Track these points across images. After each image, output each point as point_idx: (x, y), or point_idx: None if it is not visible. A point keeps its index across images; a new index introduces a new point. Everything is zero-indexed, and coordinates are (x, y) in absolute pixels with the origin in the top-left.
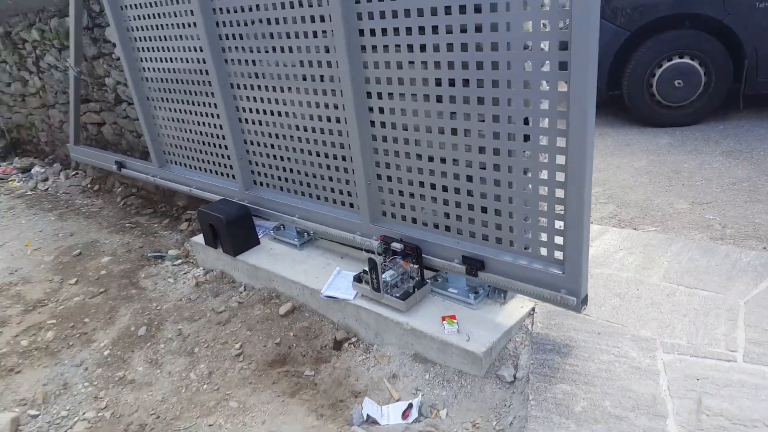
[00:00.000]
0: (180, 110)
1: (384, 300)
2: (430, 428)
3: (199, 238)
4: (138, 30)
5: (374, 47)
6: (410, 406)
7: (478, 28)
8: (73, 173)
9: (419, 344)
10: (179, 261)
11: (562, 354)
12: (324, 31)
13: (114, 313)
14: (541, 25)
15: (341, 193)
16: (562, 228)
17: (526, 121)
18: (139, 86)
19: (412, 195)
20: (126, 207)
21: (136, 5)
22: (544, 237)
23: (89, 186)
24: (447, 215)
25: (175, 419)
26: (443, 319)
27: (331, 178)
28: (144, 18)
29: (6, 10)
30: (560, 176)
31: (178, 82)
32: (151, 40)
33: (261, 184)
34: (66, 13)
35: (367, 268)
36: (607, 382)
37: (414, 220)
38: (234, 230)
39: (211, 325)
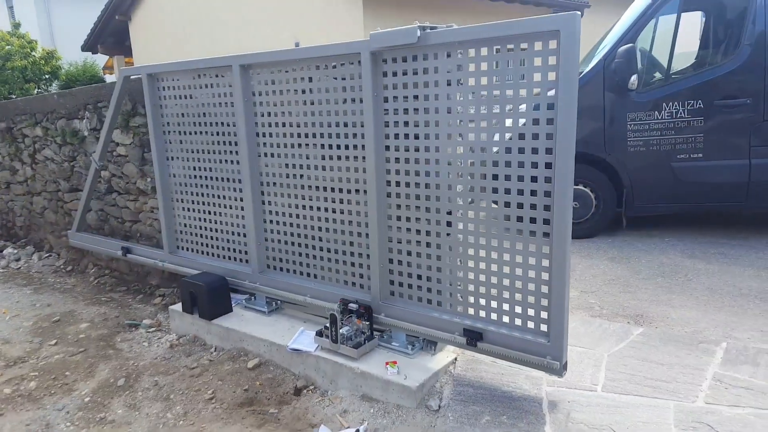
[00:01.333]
0: (202, 203)
1: (340, 350)
2: None
3: (177, 306)
4: (175, 134)
5: (397, 159)
6: (358, 431)
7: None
8: (47, 255)
9: (367, 385)
10: (153, 329)
11: (475, 387)
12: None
13: (93, 368)
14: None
15: (353, 275)
16: (547, 305)
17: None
18: (165, 181)
19: (423, 277)
20: (99, 285)
21: (176, 114)
22: (531, 312)
23: (62, 267)
24: (450, 294)
25: None
26: (386, 363)
27: (345, 263)
28: (186, 125)
29: (14, 109)
30: (545, 262)
31: (205, 179)
32: (188, 144)
33: (274, 267)
34: (75, 116)
35: (328, 324)
36: (505, 404)
37: (419, 299)
38: (213, 296)
39: (185, 377)
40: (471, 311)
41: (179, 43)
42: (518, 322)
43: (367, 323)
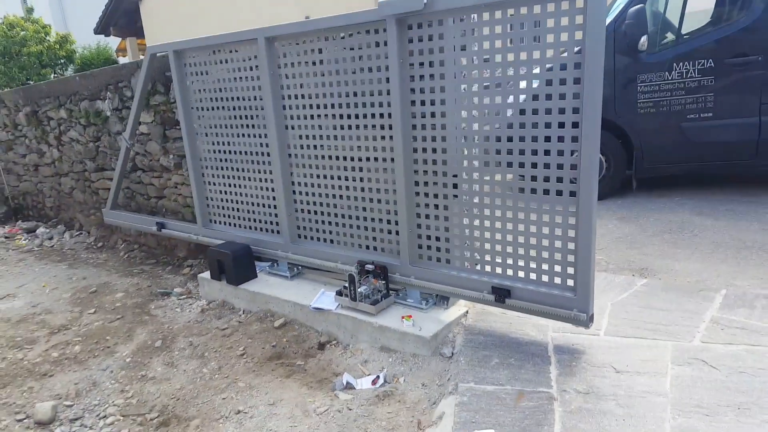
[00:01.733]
0: (232, 176)
1: (359, 307)
2: (392, 389)
3: (206, 274)
4: (203, 110)
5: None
6: (378, 377)
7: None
8: (77, 233)
9: (384, 338)
10: (183, 296)
11: (485, 335)
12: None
13: (132, 332)
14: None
15: (382, 240)
16: (573, 260)
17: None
18: (195, 157)
19: (451, 240)
20: (130, 259)
21: (203, 90)
22: (558, 268)
23: (93, 243)
24: (477, 254)
25: (193, 398)
26: (402, 318)
27: (374, 229)
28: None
29: (38, 93)
30: (572, 220)
31: (234, 153)
32: (216, 119)
33: (305, 237)
34: (97, 97)
35: (346, 284)
36: (513, 349)
37: (447, 261)
38: (238, 263)
39: (217, 337)
40: (498, 270)
41: (191, 22)
42: (545, 278)
43: (383, 282)
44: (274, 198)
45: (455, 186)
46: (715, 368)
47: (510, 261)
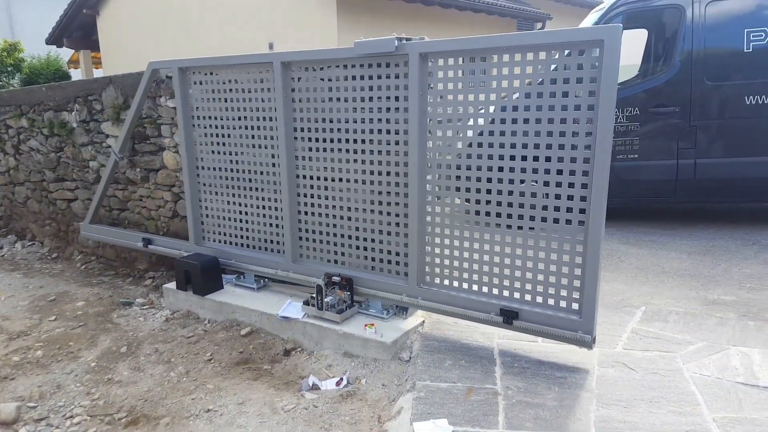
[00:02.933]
0: (235, 195)
1: (325, 315)
2: (354, 389)
3: (171, 285)
4: (206, 128)
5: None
6: (342, 378)
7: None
8: (30, 243)
9: (348, 344)
10: (146, 306)
11: (439, 341)
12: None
13: (95, 339)
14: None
15: (389, 262)
16: (579, 285)
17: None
18: (192, 174)
19: (459, 263)
20: (88, 270)
21: (207, 108)
22: (564, 292)
23: (47, 254)
24: (486, 277)
25: (162, 399)
26: (365, 326)
27: (382, 251)
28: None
29: None
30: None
31: (235, 171)
32: (219, 137)
33: (307, 256)
34: (63, 108)
35: (314, 294)
36: (464, 352)
37: (455, 283)
38: (206, 274)
39: (183, 344)
40: (506, 293)
41: (150, 39)
42: (551, 301)
43: (348, 293)
44: (278, 217)
45: (467, 212)
46: (633, 370)
47: (518, 285)
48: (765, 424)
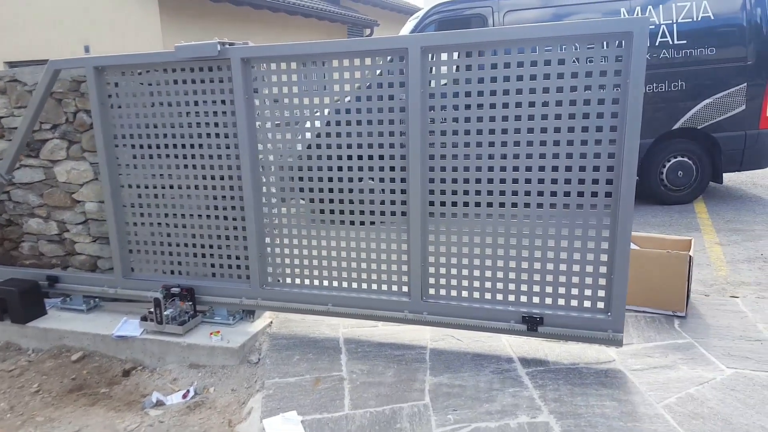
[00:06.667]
0: (167, 215)
1: (166, 329)
2: (202, 399)
3: None
4: (131, 140)
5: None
6: (188, 390)
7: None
8: None
9: (194, 355)
10: None
11: (287, 339)
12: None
13: None
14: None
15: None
16: (605, 284)
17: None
18: (116, 194)
19: (470, 272)
20: None
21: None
22: (589, 292)
23: None
24: (504, 285)
25: None
26: (211, 334)
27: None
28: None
29: None
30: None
31: (172, 188)
32: (149, 150)
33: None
34: None
35: (151, 309)
36: (312, 346)
37: (466, 294)
38: (26, 300)
39: (4, 379)
40: (524, 299)
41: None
42: (574, 303)
43: (190, 303)
44: (245, 238)
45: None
46: (460, 340)
47: (537, 288)
48: None
